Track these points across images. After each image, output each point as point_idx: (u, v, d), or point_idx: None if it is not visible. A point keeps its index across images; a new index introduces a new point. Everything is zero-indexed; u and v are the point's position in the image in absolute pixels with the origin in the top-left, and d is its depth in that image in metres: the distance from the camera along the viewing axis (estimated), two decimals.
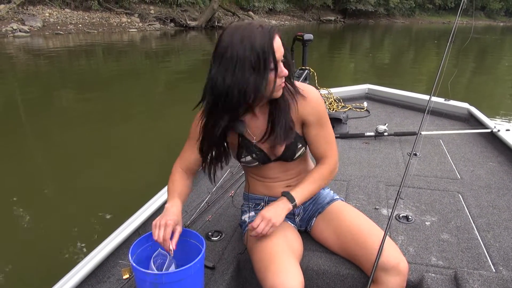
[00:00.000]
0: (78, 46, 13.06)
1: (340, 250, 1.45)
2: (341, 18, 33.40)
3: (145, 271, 1.09)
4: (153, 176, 3.46)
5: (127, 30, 17.76)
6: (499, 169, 2.38)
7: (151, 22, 19.10)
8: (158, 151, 4.30)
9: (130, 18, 18.87)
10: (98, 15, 17.95)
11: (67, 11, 17.18)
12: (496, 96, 8.41)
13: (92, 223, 2.90)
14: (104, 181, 3.59)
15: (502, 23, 47.77)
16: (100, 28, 17.07)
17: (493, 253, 1.55)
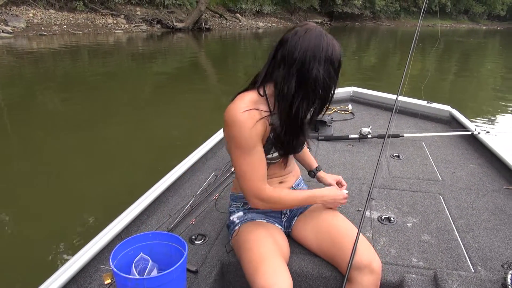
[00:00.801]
0: (63, 48, 12.89)
1: (319, 251, 1.48)
2: (328, 21, 33.64)
3: (126, 276, 1.09)
4: (137, 180, 3.45)
5: (113, 32, 17.60)
6: (479, 171, 2.43)
7: (137, 24, 18.97)
8: (143, 154, 4.27)
9: (116, 20, 18.72)
10: (83, 16, 17.77)
11: (51, 11, 16.96)
12: (478, 98, 8.57)
13: (73, 228, 2.87)
14: (87, 184, 3.55)
15: (484, 26, 48.72)
16: (85, 29, 16.88)
17: (472, 253, 1.59)
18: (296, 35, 1.23)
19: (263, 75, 1.31)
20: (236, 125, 1.22)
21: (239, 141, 1.24)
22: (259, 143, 1.28)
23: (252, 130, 1.23)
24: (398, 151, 2.76)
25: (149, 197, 1.90)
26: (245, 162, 1.27)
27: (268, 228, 1.43)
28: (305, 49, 1.21)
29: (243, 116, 1.22)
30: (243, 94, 1.32)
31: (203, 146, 2.60)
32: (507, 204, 2.00)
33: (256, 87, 1.31)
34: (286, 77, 1.23)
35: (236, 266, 1.51)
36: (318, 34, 1.23)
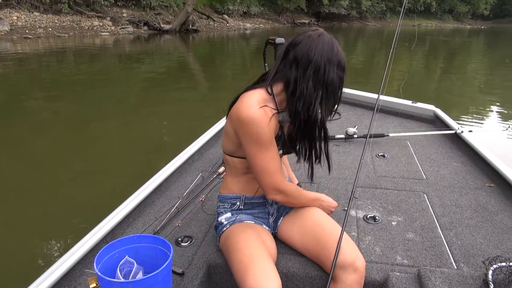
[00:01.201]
0: (48, 50, 12.75)
1: (304, 250, 1.49)
2: (315, 21, 33.81)
3: (110, 280, 1.08)
4: (124, 182, 3.43)
5: (99, 34, 17.45)
6: (462, 169, 2.47)
7: (123, 26, 18.83)
8: (131, 156, 4.25)
9: (102, 22, 18.56)
10: (68, 19, 17.57)
11: (36, 14, 16.74)
12: (463, 97, 8.69)
13: (59, 231, 2.85)
14: (73, 187, 3.52)
15: (469, 25, 49.45)
16: (71, 32, 16.71)
17: (455, 250, 1.61)
18: (310, 38, 1.29)
19: (273, 74, 1.34)
20: (255, 122, 1.26)
21: (258, 137, 1.28)
22: (273, 137, 1.34)
23: (270, 126, 1.29)
24: (383, 150, 2.79)
25: (135, 200, 1.89)
26: (265, 156, 1.32)
27: (256, 229, 1.44)
28: (320, 52, 1.28)
29: (260, 113, 1.26)
30: (250, 92, 1.34)
31: (190, 147, 2.60)
32: (489, 202, 2.04)
33: (266, 85, 1.35)
34: (301, 78, 1.28)
35: (223, 267, 1.52)
36: (330, 39, 1.31)
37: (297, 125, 1.34)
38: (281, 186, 1.40)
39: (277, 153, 1.38)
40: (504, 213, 1.92)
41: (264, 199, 1.55)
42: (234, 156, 1.44)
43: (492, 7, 53.20)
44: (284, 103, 1.36)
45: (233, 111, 1.33)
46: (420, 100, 3.66)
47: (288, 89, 1.31)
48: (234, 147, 1.41)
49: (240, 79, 9.46)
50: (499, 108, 7.37)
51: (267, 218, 1.57)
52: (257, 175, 1.38)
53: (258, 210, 1.55)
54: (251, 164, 1.36)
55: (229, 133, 1.39)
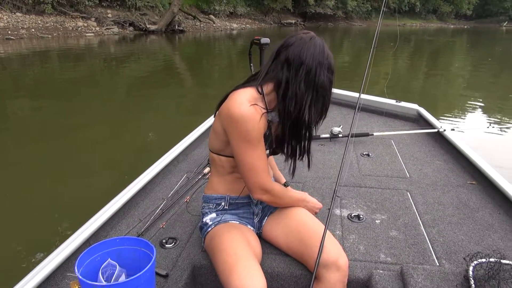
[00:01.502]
0: (31, 52, 12.55)
1: (288, 250, 1.50)
2: (301, 21, 33.97)
3: (92, 283, 1.07)
4: (108, 185, 3.40)
5: (83, 35, 17.25)
6: (445, 167, 2.50)
7: (108, 26, 18.65)
8: (116, 158, 4.21)
9: (86, 22, 18.34)
10: (52, 19, 17.31)
11: (18, 15, 16.46)
12: (447, 96, 8.81)
13: (41, 235, 2.80)
14: (57, 190, 3.48)
15: (452, 25, 50.21)
16: (55, 33, 16.48)
17: (437, 247, 1.63)
18: (301, 40, 1.31)
19: (264, 74, 1.35)
20: (245, 119, 1.26)
21: (248, 134, 1.28)
22: (262, 136, 1.35)
23: (260, 123, 1.29)
24: (368, 149, 2.81)
25: (118, 202, 1.87)
26: (253, 154, 1.33)
27: (241, 230, 1.44)
28: (312, 54, 1.30)
29: (250, 110, 1.27)
30: (241, 90, 1.34)
31: (174, 148, 2.59)
32: (470, 199, 2.07)
33: (257, 84, 1.35)
34: (293, 79, 1.30)
35: (208, 268, 1.51)
36: (322, 43, 1.34)
37: (287, 125, 1.35)
38: (267, 186, 1.41)
39: (265, 152, 1.39)
40: (485, 210, 1.95)
41: (249, 199, 1.55)
42: (221, 155, 1.44)
43: (474, 7, 54.12)
44: (273, 103, 1.37)
45: (223, 108, 1.33)
46: (405, 99, 3.70)
47: (279, 90, 1.32)
48: (221, 145, 1.41)
49: (226, 80, 9.45)
50: (481, 106, 7.50)
51: (252, 218, 1.57)
52: (244, 173, 1.38)
53: (243, 210, 1.55)
54: (238, 162, 1.36)
55: (218, 131, 1.39)
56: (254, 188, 1.39)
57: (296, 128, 1.37)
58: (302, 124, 1.36)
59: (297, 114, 1.33)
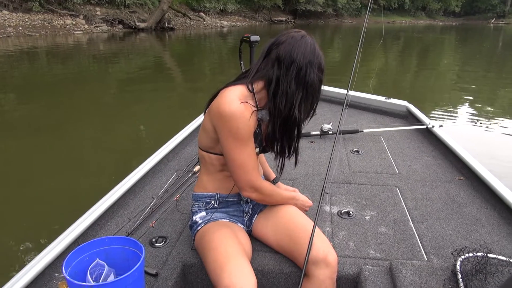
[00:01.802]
0: (19, 50, 12.38)
1: (278, 247, 1.50)
2: (292, 19, 33.97)
3: (79, 284, 1.06)
4: (97, 184, 3.38)
5: (72, 33, 17.06)
6: (433, 163, 2.52)
7: (97, 24, 18.47)
8: (106, 157, 4.18)
9: (75, 20, 18.15)
10: (39, 17, 17.10)
11: (5, 13, 16.22)
12: (436, 92, 8.89)
13: (30, 235, 2.77)
14: (46, 189, 3.45)
15: (441, 22, 50.58)
16: (43, 31, 16.28)
17: (425, 243, 1.65)
18: (293, 39, 1.32)
19: (254, 72, 1.35)
20: (235, 116, 1.26)
21: (238, 132, 1.28)
22: (252, 134, 1.34)
23: (250, 121, 1.29)
24: (358, 146, 2.82)
25: (107, 201, 1.86)
26: (243, 153, 1.33)
27: (231, 228, 1.44)
28: (303, 53, 1.30)
29: (241, 108, 1.26)
30: (231, 88, 1.34)
31: (164, 147, 2.58)
32: (458, 194, 2.09)
33: (247, 82, 1.35)
34: (284, 77, 1.30)
35: (198, 267, 1.51)
36: (312, 41, 1.34)
37: (277, 123, 1.36)
38: (257, 184, 1.41)
39: (254, 150, 1.39)
40: (472, 205, 1.97)
41: (239, 197, 1.54)
42: (211, 153, 1.44)
43: (463, 4, 54.52)
44: (263, 101, 1.37)
45: (213, 106, 1.32)
46: (395, 95, 3.72)
47: (270, 87, 1.32)
48: (211, 143, 1.41)
49: (217, 77, 9.42)
50: (470, 102, 7.57)
51: (242, 217, 1.57)
52: (233, 171, 1.38)
53: (233, 209, 1.55)
54: (228, 160, 1.36)
55: (208, 129, 1.38)
56: (244, 186, 1.40)
57: (286, 126, 1.37)
58: (292, 123, 1.36)
59: (288, 112, 1.33)
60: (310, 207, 1.70)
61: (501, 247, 1.62)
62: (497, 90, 8.85)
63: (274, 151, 1.50)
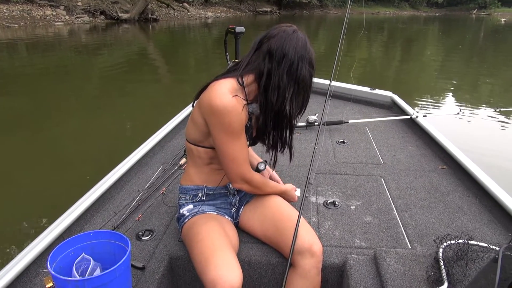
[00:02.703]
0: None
1: (264, 238, 1.52)
2: (277, 10, 33.84)
3: (65, 278, 1.05)
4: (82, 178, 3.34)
5: (52, 24, 16.70)
6: (417, 153, 2.56)
7: (79, 15, 18.11)
8: (89, 152, 4.13)
9: (55, 11, 17.75)
10: (18, 8, 16.68)
11: None
12: (420, 82, 9.00)
13: (14, 231, 2.74)
14: (30, 184, 3.39)
15: (424, 13, 51.03)
16: (22, 22, 15.90)
17: (409, 231, 1.68)
18: (284, 33, 1.31)
19: (245, 64, 1.34)
20: (227, 110, 1.25)
21: (230, 126, 1.28)
22: (244, 127, 1.34)
23: (242, 115, 1.29)
24: (343, 137, 2.85)
25: (93, 195, 1.84)
26: (235, 146, 1.33)
27: (218, 220, 1.44)
28: (294, 48, 1.30)
29: (233, 102, 1.26)
30: (222, 81, 1.32)
31: (150, 139, 2.55)
32: (441, 183, 2.13)
33: (237, 75, 1.34)
34: (275, 71, 1.30)
35: (185, 259, 1.51)
36: (304, 37, 1.34)
37: (269, 117, 1.36)
38: (248, 176, 1.42)
39: (246, 143, 1.39)
40: (455, 194, 2.01)
41: (226, 189, 1.55)
42: (199, 146, 1.43)
43: None
44: (253, 94, 1.37)
45: (203, 99, 1.31)
46: (379, 86, 3.75)
47: (261, 81, 1.32)
48: (200, 136, 1.40)
49: (202, 69, 9.35)
50: (452, 93, 7.70)
51: (229, 209, 1.58)
52: (225, 164, 1.38)
53: (221, 201, 1.55)
54: (219, 153, 1.36)
55: (197, 122, 1.37)
56: (235, 178, 1.41)
57: (277, 120, 1.38)
58: (284, 117, 1.37)
59: (279, 106, 1.33)
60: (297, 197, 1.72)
61: (482, 233, 1.66)
62: (478, 80, 9.01)
63: (266, 144, 1.50)
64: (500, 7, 55.08)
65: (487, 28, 29.06)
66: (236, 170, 1.38)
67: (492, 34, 23.59)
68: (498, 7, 55.11)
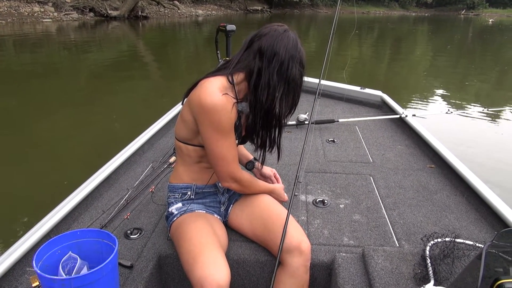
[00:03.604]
0: None
1: (253, 236, 1.52)
2: (268, 8, 33.84)
3: (51, 277, 1.04)
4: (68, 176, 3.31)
5: (40, 21, 16.49)
6: (406, 152, 2.58)
7: (67, 12, 17.91)
8: (78, 150, 4.09)
9: (43, 7, 17.53)
10: (5, 4, 16.44)
11: None
12: (409, 81, 9.07)
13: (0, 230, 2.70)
14: (18, 182, 3.35)
15: (414, 13, 51.46)
16: (9, 18, 15.67)
17: (397, 229, 1.69)
18: (275, 32, 1.31)
19: (235, 63, 1.34)
20: (217, 108, 1.25)
21: (220, 125, 1.28)
22: (233, 126, 1.34)
23: (231, 114, 1.29)
24: (333, 136, 2.86)
25: (81, 193, 1.82)
26: (224, 144, 1.32)
27: (207, 219, 1.44)
28: (285, 47, 1.30)
29: (223, 100, 1.25)
30: (211, 79, 1.32)
31: (139, 137, 2.54)
32: (429, 182, 2.15)
33: (228, 73, 1.33)
34: (266, 70, 1.29)
35: (174, 258, 1.51)
36: (295, 37, 1.34)
37: (258, 116, 1.35)
38: (237, 175, 1.42)
39: (235, 142, 1.39)
40: (442, 192, 2.04)
41: (215, 188, 1.54)
42: (188, 144, 1.42)
43: None
44: (243, 92, 1.36)
45: (193, 97, 1.30)
46: (369, 85, 3.77)
47: (251, 79, 1.31)
48: (190, 135, 1.39)
49: (193, 67, 9.32)
50: (441, 92, 7.77)
51: (218, 207, 1.57)
52: (214, 163, 1.37)
53: (210, 199, 1.55)
54: (208, 152, 1.35)
55: (187, 120, 1.36)
56: (224, 177, 1.41)
57: (266, 119, 1.37)
58: (273, 116, 1.36)
59: (269, 106, 1.33)
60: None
61: (469, 232, 1.68)
62: (466, 80, 9.12)
63: (254, 143, 1.50)
64: (488, 7, 55.80)
65: (475, 28, 29.40)
66: (225, 169, 1.38)
67: (480, 35, 23.88)
68: (486, 7, 55.82)
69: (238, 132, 1.42)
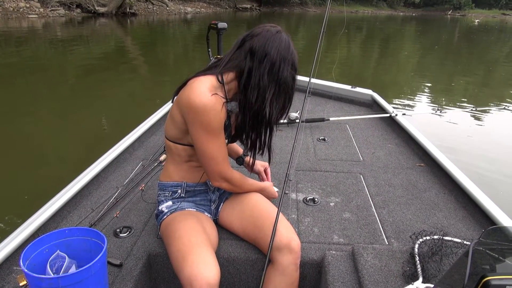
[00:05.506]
0: None
1: (243, 234, 1.52)
2: (257, 6, 33.82)
3: (38, 276, 1.02)
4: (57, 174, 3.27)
5: (26, 16, 16.24)
6: (396, 150, 2.60)
7: (54, 8, 17.66)
8: (65, 148, 4.04)
9: (29, 3, 17.25)
10: None
11: None
12: (398, 81, 9.15)
13: None
14: (4, 181, 3.29)
15: (401, 12, 51.91)
16: None
17: (387, 227, 1.71)
18: (268, 32, 1.30)
19: (226, 62, 1.32)
20: (206, 109, 1.24)
21: (210, 125, 1.27)
22: (223, 126, 1.33)
23: (221, 114, 1.28)
24: (324, 134, 2.87)
25: (70, 191, 1.80)
26: (214, 145, 1.32)
27: (198, 217, 1.43)
28: (277, 48, 1.29)
29: (212, 101, 1.24)
30: (201, 78, 1.30)
31: (129, 135, 2.51)
32: (418, 180, 2.17)
33: (218, 73, 1.32)
34: (256, 70, 1.28)
35: (164, 256, 1.50)
36: (288, 39, 1.33)
37: (247, 116, 1.34)
38: (227, 175, 1.42)
39: (225, 142, 1.38)
40: (431, 190, 2.06)
41: (206, 186, 1.54)
42: (178, 143, 1.41)
43: None
44: (232, 92, 1.35)
45: (183, 97, 1.29)
46: (359, 85, 3.79)
47: (241, 79, 1.30)
48: (179, 134, 1.38)
49: (182, 66, 9.26)
50: (430, 91, 7.86)
51: (209, 205, 1.57)
52: (204, 162, 1.37)
53: (200, 198, 1.54)
54: (198, 152, 1.35)
55: (176, 119, 1.35)
56: (215, 176, 1.40)
57: (256, 121, 1.36)
58: (263, 118, 1.34)
59: (259, 106, 1.31)
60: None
61: (457, 230, 1.70)
62: (453, 80, 9.23)
63: (244, 143, 1.48)
64: (474, 8, 56.58)
65: (461, 29, 29.79)
66: (215, 169, 1.38)
67: (467, 35, 24.21)
68: (472, 8, 56.61)
69: (228, 131, 1.42)
